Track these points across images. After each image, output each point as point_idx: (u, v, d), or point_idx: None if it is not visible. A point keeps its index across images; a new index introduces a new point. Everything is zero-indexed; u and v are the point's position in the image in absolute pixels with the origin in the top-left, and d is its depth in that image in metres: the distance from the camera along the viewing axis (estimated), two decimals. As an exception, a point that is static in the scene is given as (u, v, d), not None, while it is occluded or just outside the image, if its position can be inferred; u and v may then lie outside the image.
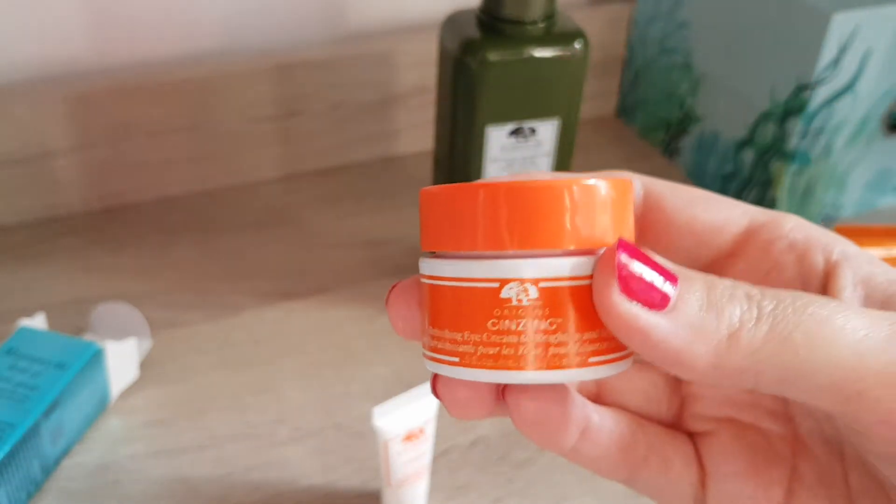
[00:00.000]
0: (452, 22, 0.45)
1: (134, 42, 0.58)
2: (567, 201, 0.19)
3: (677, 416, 0.24)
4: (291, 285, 0.54)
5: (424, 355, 0.21)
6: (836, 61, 0.53)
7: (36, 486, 0.41)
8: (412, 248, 0.57)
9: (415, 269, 0.55)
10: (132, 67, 0.59)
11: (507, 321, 0.19)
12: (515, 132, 0.45)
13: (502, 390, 0.21)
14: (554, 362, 0.19)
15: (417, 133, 0.65)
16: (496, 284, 0.19)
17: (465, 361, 0.19)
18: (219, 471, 0.43)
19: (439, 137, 0.49)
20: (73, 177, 0.57)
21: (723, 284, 0.19)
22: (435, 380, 0.21)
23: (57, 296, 0.52)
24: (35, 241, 0.56)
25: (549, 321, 0.19)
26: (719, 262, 0.23)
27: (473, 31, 0.44)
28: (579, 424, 0.22)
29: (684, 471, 0.23)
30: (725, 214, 0.22)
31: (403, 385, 0.48)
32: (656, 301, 0.18)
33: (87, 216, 0.59)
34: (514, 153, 0.46)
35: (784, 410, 0.23)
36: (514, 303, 0.19)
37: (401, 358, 0.49)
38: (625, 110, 0.71)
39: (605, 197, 0.19)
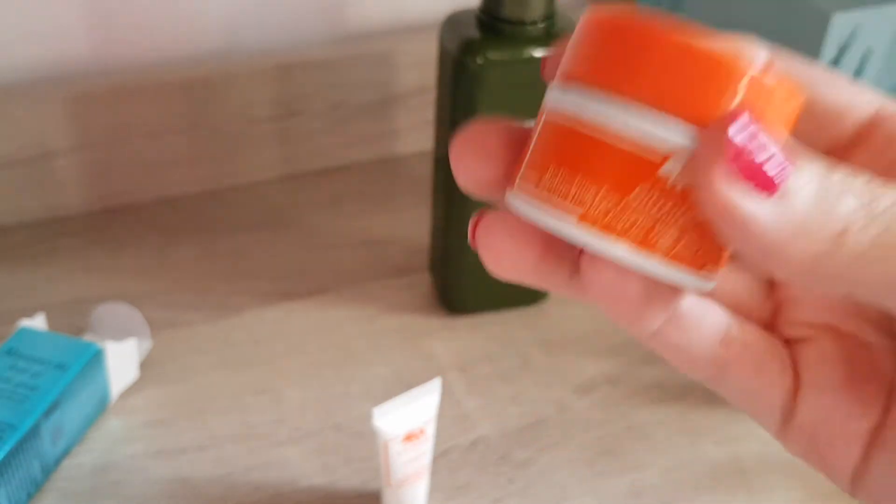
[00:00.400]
0: (452, 22, 0.45)
1: (134, 42, 0.58)
2: (786, 108, 0.17)
3: (773, 319, 0.22)
4: (291, 285, 0.54)
5: (518, 197, 0.19)
6: (836, 61, 0.53)
7: (36, 487, 0.41)
8: (413, 248, 0.57)
9: (414, 269, 0.56)
10: (132, 68, 0.59)
11: (654, 196, 0.17)
12: (515, 132, 0.45)
13: (579, 252, 0.19)
14: (651, 246, 0.17)
15: (417, 133, 0.65)
16: (659, 155, 0.17)
17: (588, 218, 0.17)
18: (219, 471, 0.43)
19: (439, 137, 0.49)
20: (74, 177, 0.57)
21: (839, 174, 0.17)
22: (476, 224, 0.19)
23: (57, 296, 0.52)
24: (35, 242, 0.56)
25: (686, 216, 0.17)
26: (838, 149, 0.20)
27: (473, 32, 0.44)
28: (664, 307, 0.19)
29: (779, 376, 0.21)
30: (850, 98, 0.20)
31: (403, 385, 0.48)
32: (767, 184, 0.16)
33: (87, 216, 0.59)
34: (514, 153, 0.46)
35: (890, 323, 0.21)
36: (670, 184, 0.17)
37: (401, 358, 0.49)
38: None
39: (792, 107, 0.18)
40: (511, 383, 0.48)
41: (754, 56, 0.17)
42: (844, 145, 0.20)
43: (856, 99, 0.20)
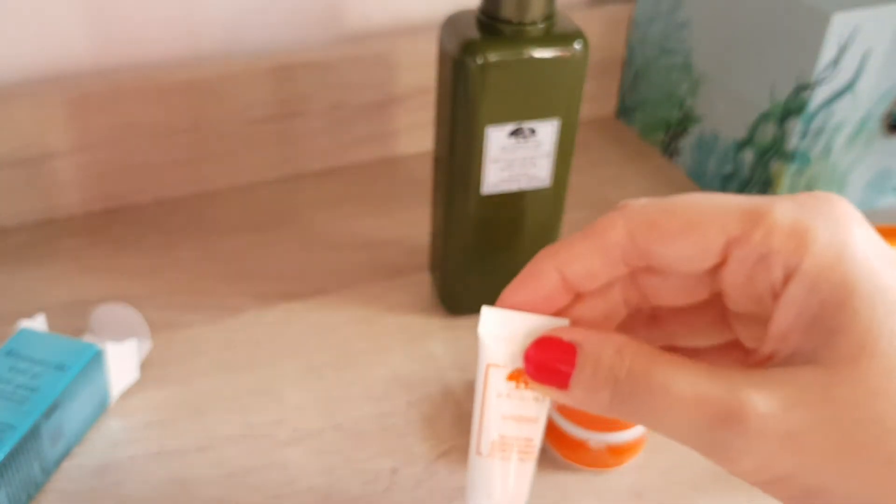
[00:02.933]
0: (452, 23, 0.45)
1: (134, 43, 0.58)
2: None
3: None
4: (291, 286, 0.54)
5: None
6: (836, 61, 0.53)
7: (36, 488, 0.41)
8: (412, 248, 0.57)
9: (414, 269, 0.55)
10: (132, 69, 0.59)
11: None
12: (515, 133, 0.45)
13: None
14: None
15: (417, 134, 0.65)
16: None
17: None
18: (219, 472, 0.43)
19: (439, 138, 0.49)
20: (74, 178, 0.57)
21: (602, 368, 0.26)
22: None
23: (57, 297, 0.52)
24: (35, 243, 0.56)
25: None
26: (711, 271, 0.27)
27: (473, 32, 0.44)
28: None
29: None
30: (699, 246, 0.26)
31: (404, 386, 0.48)
32: (558, 382, 0.27)
33: (88, 217, 0.59)
34: (514, 153, 0.46)
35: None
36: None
37: (401, 358, 0.49)
38: (624, 111, 0.71)
39: None
40: (511, 384, 0.48)
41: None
42: (714, 268, 0.27)
43: (707, 240, 0.26)
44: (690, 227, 0.26)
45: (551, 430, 0.44)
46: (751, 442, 0.24)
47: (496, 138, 0.45)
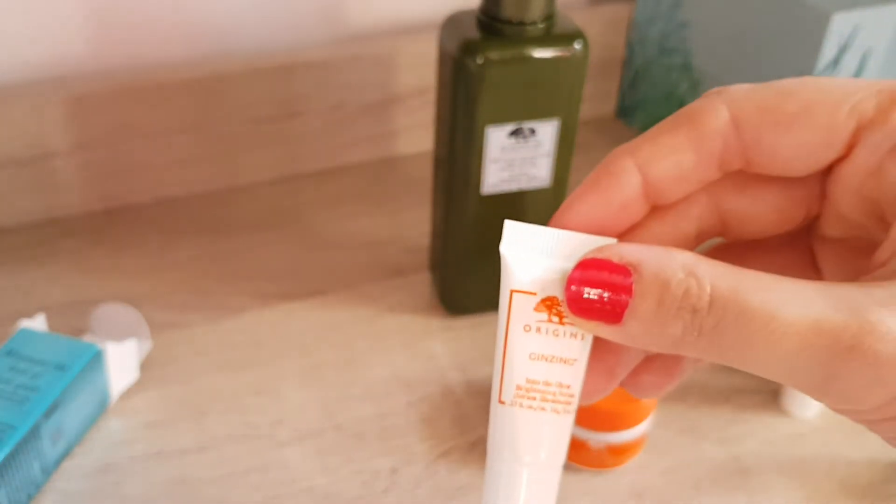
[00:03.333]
0: (452, 23, 0.45)
1: (134, 43, 0.58)
2: None
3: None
4: (292, 286, 0.54)
5: None
6: (836, 61, 0.53)
7: (36, 488, 0.41)
8: (412, 248, 0.57)
9: (414, 269, 0.55)
10: (132, 69, 0.59)
11: None
12: (515, 133, 0.45)
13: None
14: None
15: (417, 134, 0.65)
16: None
17: None
18: (219, 472, 0.43)
19: (439, 138, 0.49)
20: (73, 178, 0.57)
21: (671, 296, 0.21)
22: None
23: (57, 297, 0.52)
24: (35, 243, 0.56)
25: None
26: (832, 165, 0.23)
27: (473, 32, 0.44)
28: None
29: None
30: (825, 130, 0.22)
31: (404, 386, 0.48)
32: (609, 317, 0.21)
33: (87, 217, 0.59)
34: (514, 153, 0.46)
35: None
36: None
37: (401, 358, 0.49)
38: (624, 110, 0.71)
39: None
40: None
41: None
42: (835, 161, 0.23)
43: (833, 124, 0.22)
44: (814, 109, 0.22)
45: None
46: (884, 371, 0.20)
47: (496, 138, 0.45)
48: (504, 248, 0.23)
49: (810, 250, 0.25)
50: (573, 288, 0.22)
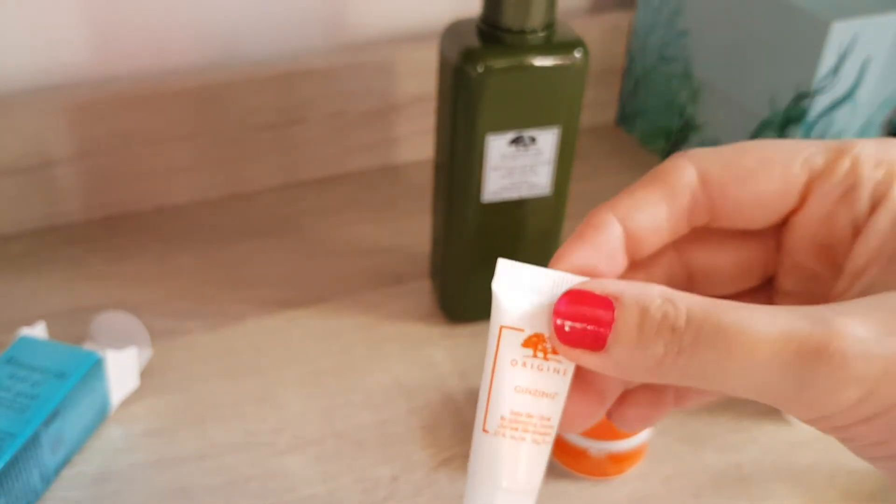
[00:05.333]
0: (452, 31, 0.45)
1: (134, 52, 0.58)
2: None
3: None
4: (292, 294, 0.54)
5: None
6: (836, 69, 0.53)
7: (36, 496, 0.41)
8: (412, 256, 0.57)
9: (415, 276, 0.55)
10: (133, 77, 0.59)
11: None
12: (516, 141, 0.45)
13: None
14: None
15: (418, 141, 0.65)
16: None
17: None
18: (219, 480, 0.43)
19: (440, 146, 0.49)
20: (74, 186, 0.57)
21: (651, 319, 0.22)
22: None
23: (57, 305, 0.52)
24: (35, 250, 0.56)
25: None
26: (794, 213, 0.25)
27: (473, 40, 0.44)
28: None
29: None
30: (781, 181, 0.25)
31: (405, 394, 0.48)
32: (594, 344, 0.23)
33: (88, 225, 0.59)
34: (514, 162, 0.46)
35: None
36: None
37: (401, 366, 0.49)
38: (625, 119, 0.71)
39: None
40: (512, 391, 0.48)
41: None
42: (791, 213, 0.25)
43: (787, 176, 0.25)
44: (771, 163, 0.25)
45: None
46: (852, 370, 0.21)
47: (496, 146, 0.45)
48: (495, 285, 0.25)
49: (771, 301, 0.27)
50: (559, 320, 0.23)
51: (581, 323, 0.23)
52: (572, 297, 0.23)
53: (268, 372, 0.49)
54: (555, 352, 0.24)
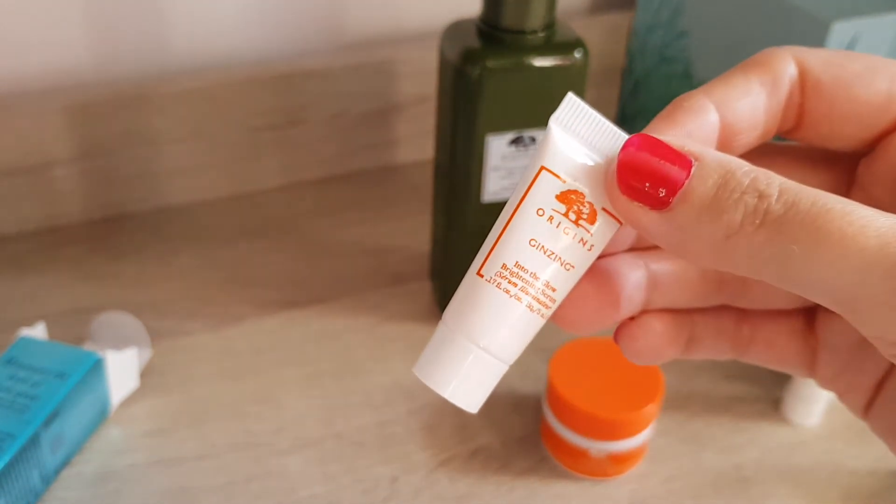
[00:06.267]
0: (453, 31, 0.45)
1: (134, 52, 0.59)
2: None
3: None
4: (292, 294, 0.54)
5: None
6: (836, 70, 0.53)
7: (35, 496, 0.41)
8: (413, 256, 0.57)
9: (415, 277, 0.55)
10: (133, 78, 0.59)
11: None
12: (516, 141, 0.45)
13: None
14: None
15: (418, 142, 0.65)
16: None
17: None
18: (219, 480, 0.43)
19: (440, 146, 0.49)
20: (74, 186, 0.57)
21: (736, 181, 0.19)
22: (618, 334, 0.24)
23: (57, 305, 0.52)
24: (35, 251, 0.56)
25: None
26: (885, 135, 0.22)
27: (473, 41, 0.44)
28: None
29: (788, 346, 0.25)
30: (885, 94, 0.22)
31: (405, 394, 0.48)
32: (656, 201, 0.20)
33: (88, 226, 0.59)
34: (514, 162, 0.46)
35: None
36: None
37: (402, 366, 0.49)
38: (625, 119, 0.71)
39: None
40: (512, 392, 0.48)
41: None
42: (891, 130, 0.22)
43: (893, 87, 0.22)
44: (876, 72, 0.22)
45: (551, 439, 0.44)
46: None
47: (496, 147, 0.45)
48: (553, 119, 0.21)
49: (852, 176, 0.24)
50: (622, 164, 0.20)
51: (650, 173, 0.20)
52: (644, 143, 0.20)
53: (268, 372, 0.49)
54: (591, 218, 0.21)
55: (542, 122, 0.45)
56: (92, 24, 0.57)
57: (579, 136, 0.21)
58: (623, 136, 0.21)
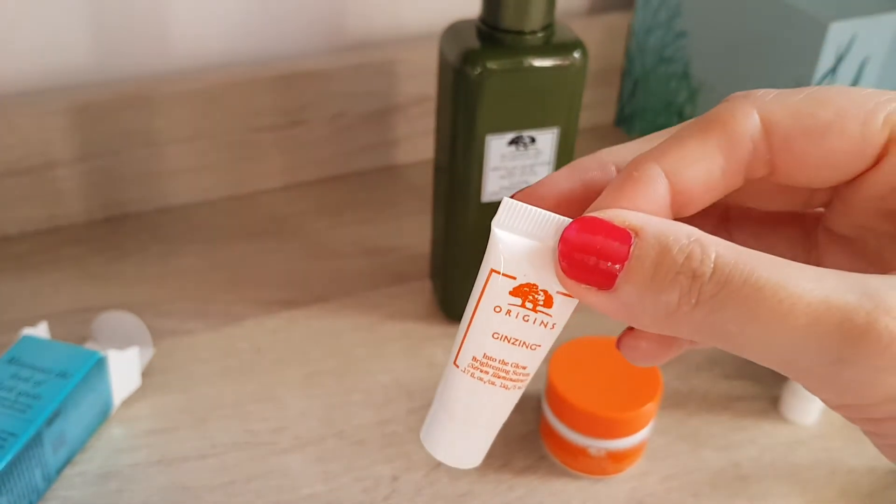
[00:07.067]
0: (452, 32, 0.46)
1: (136, 53, 0.59)
2: None
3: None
4: (293, 294, 0.54)
5: None
6: (834, 70, 0.53)
7: (38, 495, 0.41)
8: (413, 256, 0.57)
9: (415, 277, 0.56)
10: (135, 78, 0.59)
11: None
12: (515, 141, 0.46)
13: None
14: None
15: (418, 142, 0.65)
16: None
17: None
18: (220, 479, 0.43)
19: (439, 147, 0.49)
20: (76, 187, 0.58)
21: (671, 260, 0.19)
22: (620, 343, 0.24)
23: (59, 305, 0.53)
24: (38, 251, 0.57)
25: None
26: (863, 174, 0.22)
27: (473, 42, 0.44)
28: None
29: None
30: (858, 140, 0.21)
31: (405, 393, 0.48)
32: (601, 281, 0.20)
33: (90, 226, 0.59)
34: (513, 162, 0.46)
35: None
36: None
37: (402, 366, 0.50)
38: (624, 119, 0.71)
39: None
40: (511, 391, 0.48)
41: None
42: (864, 171, 0.22)
43: (867, 133, 0.21)
44: (847, 117, 0.21)
45: (551, 437, 0.44)
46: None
47: (496, 147, 0.45)
48: (495, 223, 0.22)
49: (815, 242, 0.24)
50: (566, 249, 0.21)
51: (591, 255, 0.20)
52: (585, 225, 0.20)
53: (269, 371, 0.49)
54: (547, 303, 0.22)
55: (542, 123, 0.46)
56: (93, 24, 0.57)
57: (523, 231, 0.22)
58: (566, 222, 0.21)
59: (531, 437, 0.46)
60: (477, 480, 0.44)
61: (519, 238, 0.22)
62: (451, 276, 0.51)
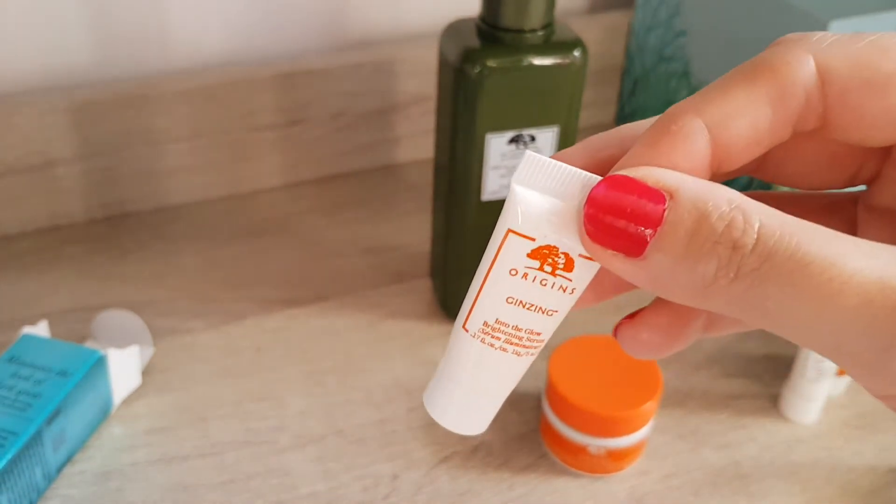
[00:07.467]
0: (452, 31, 0.46)
1: (136, 52, 0.59)
2: None
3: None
4: (293, 293, 0.54)
5: None
6: (834, 69, 0.53)
7: (38, 494, 0.41)
8: (413, 255, 0.57)
9: (415, 275, 0.56)
10: (135, 77, 0.59)
11: None
12: (515, 140, 0.46)
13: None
14: None
15: (418, 141, 0.65)
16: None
17: None
18: (221, 478, 0.43)
19: (439, 145, 0.49)
20: (76, 185, 0.58)
21: (709, 228, 0.17)
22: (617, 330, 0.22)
23: (59, 304, 0.53)
24: (38, 250, 0.57)
25: None
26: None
27: (473, 40, 0.44)
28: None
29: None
30: None
31: (405, 392, 0.48)
32: (630, 248, 0.18)
33: (90, 225, 0.59)
34: (514, 161, 0.46)
35: None
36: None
37: (402, 364, 0.50)
38: (624, 118, 0.71)
39: None
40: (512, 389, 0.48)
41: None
42: None
43: None
44: None
45: (551, 436, 0.44)
46: None
47: (496, 145, 0.45)
48: (515, 179, 0.20)
49: (853, 219, 0.22)
50: (592, 210, 0.19)
51: (621, 218, 0.18)
52: (615, 184, 0.18)
53: (269, 370, 0.49)
54: (567, 267, 0.20)
55: (542, 121, 0.46)
56: (93, 24, 0.57)
57: (545, 189, 0.20)
58: (593, 180, 0.19)
59: (531, 435, 0.46)
60: (477, 479, 0.44)
61: (540, 196, 0.20)
62: (451, 275, 0.51)
